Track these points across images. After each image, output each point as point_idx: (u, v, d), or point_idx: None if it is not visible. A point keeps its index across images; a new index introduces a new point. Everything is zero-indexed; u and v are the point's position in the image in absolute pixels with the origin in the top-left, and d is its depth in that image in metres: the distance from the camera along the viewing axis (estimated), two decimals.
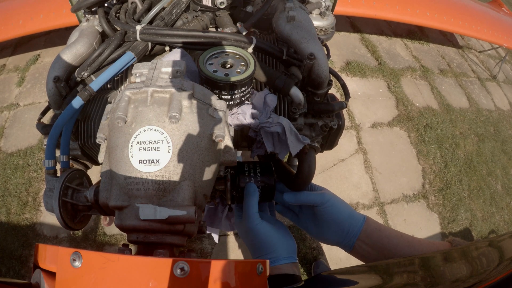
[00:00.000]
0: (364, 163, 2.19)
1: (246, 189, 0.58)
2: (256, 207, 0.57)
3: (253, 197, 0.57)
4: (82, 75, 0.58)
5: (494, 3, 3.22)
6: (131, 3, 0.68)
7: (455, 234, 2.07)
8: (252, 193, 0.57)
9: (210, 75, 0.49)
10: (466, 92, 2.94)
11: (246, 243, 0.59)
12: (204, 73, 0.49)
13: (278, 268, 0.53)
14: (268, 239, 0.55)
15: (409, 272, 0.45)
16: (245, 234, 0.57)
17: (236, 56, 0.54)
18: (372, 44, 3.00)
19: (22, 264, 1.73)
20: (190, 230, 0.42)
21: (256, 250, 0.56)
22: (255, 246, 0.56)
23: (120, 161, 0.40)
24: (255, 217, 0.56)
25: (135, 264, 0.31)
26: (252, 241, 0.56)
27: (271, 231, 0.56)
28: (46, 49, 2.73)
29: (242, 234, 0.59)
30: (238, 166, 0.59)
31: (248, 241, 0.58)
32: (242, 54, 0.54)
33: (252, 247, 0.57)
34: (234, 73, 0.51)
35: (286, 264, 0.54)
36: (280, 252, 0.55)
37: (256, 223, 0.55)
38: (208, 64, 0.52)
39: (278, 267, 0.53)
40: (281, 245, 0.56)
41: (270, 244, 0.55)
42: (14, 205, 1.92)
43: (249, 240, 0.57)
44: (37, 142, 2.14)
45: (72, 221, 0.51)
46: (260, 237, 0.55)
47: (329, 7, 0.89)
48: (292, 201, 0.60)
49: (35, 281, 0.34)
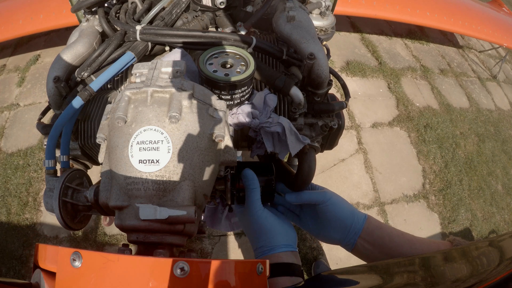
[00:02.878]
0: (364, 163, 2.19)
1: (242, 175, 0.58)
2: (258, 195, 0.57)
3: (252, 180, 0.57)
4: (82, 75, 0.58)
5: (494, 3, 3.22)
6: (131, 3, 0.68)
7: (455, 234, 2.06)
8: (250, 178, 0.57)
9: (210, 75, 0.49)
10: (467, 92, 2.94)
11: (247, 232, 0.60)
12: (204, 73, 0.49)
13: (278, 256, 0.53)
14: (268, 226, 0.56)
15: (409, 272, 0.45)
16: (247, 222, 0.58)
17: (236, 56, 0.54)
18: (372, 44, 3.00)
19: (22, 264, 1.73)
20: (190, 230, 0.42)
21: (256, 237, 0.56)
22: (256, 234, 0.56)
23: (120, 161, 0.40)
24: (257, 204, 0.57)
25: (135, 264, 0.31)
26: (253, 228, 0.57)
27: (272, 218, 0.57)
28: (46, 49, 2.73)
29: (244, 223, 0.60)
30: (238, 166, 0.59)
31: (249, 229, 0.58)
32: (242, 54, 0.54)
33: (252, 234, 0.57)
34: (234, 73, 0.51)
35: (285, 252, 0.54)
36: (280, 239, 0.55)
37: (258, 209, 0.56)
38: (208, 64, 0.52)
39: (277, 255, 0.54)
40: (281, 233, 0.56)
41: (270, 231, 0.56)
42: (14, 205, 1.92)
43: (250, 227, 0.57)
44: (37, 142, 2.14)
45: (72, 221, 0.51)
46: (261, 223, 0.56)
47: (329, 7, 0.89)
48: (294, 201, 0.60)
49: (35, 281, 0.34)
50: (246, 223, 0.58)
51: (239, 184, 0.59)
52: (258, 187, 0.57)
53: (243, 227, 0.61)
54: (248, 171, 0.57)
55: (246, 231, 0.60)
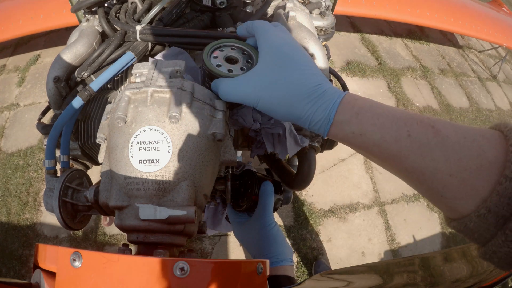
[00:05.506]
0: (364, 163, 2.19)
1: (263, 188, 0.60)
2: (272, 207, 0.60)
3: (271, 196, 0.59)
4: (82, 75, 0.58)
5: (494, 3, 3.22)
6: (131, 3, 0.68)
7: (455, 234, 2.07)
8: (270, 193, 0.59)
9: (213, 70, 0.47)
10: (466, 91, 2.94)
11: (252, 242, 0.60)
12: (207, 66, 0.47)
13: (285, 269, 0.55)
14: (279, 239, 0.57)
15: (409, 272, 0.45)
16: (254, 232, 0.59)
17: (244, 52, 0.51)
18: (372, 44, 3.00)
19: (22, 264, 1.73)
20: (190, 230, 0.42)
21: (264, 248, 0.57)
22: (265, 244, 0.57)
23: (120, 161, 0.40)
24: (271, 217, 0.59)
25: (135, 264, 0.31)
26: (263, 239, 0.58)
27: (280, 232, 0.59)
28: (46, 49, 2.74)
29: (249, 232, 0.61)
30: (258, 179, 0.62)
31: (256, 239, 0.59)
32: (249, 51, 0.50)
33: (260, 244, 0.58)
34: (238, 70, 0.48)
35: (290, 265, 0.56)
36: (288, 253, 0.57)
37: (271, 222, 0.58)
38: (212, 57, 0.49)
39: (284, 267, 0.55)
40: (288, 247, 0.58)
41: (281, 244, 0.57)
42: (14, 205, 1.92)
43: (259, 238, 0.58)
44: (37, 142, 2.15)
45: (72, 221, 0.51)
46: (274, 234, 0.57)
47: (329, 7, 0.89)
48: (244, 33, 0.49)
49: (35, 281, 0.34)
50: (252, 233, 0.60)
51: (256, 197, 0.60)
52: (272, 202, 0.60)
53: (245, 236, 0.62)
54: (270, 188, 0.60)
55: (249, 240, 0.61)
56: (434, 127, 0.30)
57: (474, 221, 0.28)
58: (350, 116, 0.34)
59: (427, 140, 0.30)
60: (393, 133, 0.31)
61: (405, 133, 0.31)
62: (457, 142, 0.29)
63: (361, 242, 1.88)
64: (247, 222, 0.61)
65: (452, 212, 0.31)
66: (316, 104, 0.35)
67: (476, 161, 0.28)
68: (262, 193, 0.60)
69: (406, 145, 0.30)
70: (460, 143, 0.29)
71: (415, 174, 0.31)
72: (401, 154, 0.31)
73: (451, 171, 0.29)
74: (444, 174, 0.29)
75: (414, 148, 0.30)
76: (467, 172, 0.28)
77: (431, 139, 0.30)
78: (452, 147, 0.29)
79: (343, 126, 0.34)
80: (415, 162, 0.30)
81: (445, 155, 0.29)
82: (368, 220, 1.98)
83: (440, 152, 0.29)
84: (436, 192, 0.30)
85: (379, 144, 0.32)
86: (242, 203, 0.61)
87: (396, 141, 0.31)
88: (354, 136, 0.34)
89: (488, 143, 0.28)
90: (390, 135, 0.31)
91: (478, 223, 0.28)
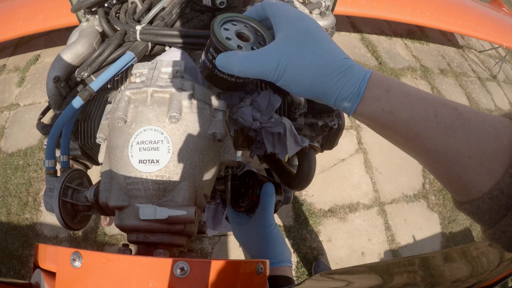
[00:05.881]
0: (364, 163, 2.19)
1: (264, 189, 0.60)
2: (273, 208, 0.60)
3: (272, 197, 0.59)
4: (82, 75, 0.58)
5: (494, 3, 3.22)
6: (131, 3, 0.68)
7: (455, 234, 2.07)
8: (271, 194, 0.59)
9: (222, 41, 0.41)
10: (466, 92, 2.94)
11: (252, 243, 0.60)
12: (217, 36, 0.41)
13: (284, 269, 0.55)
14: (280, 240, 0.58)
15: (409, 272, 0.45)
16: (253, 233, 0.59)
17: (257, 32, 0.46)
18: (372, 44, 3.00)
19: (22, 264, 1.73)
20: (190, 230, 0.42)
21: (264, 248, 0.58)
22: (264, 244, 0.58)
23: (120, 161, 0.40)
24: (272, 218, 0.59)
25: (135, 264, 0.31)
26: (262, 239, 0.58)
27: (280, 233, 0.59)
28: (46, 49, 2.73)
29: (249, 232, 0.61)
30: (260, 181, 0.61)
31: (256, 239, 0.59)
32: (263, 33, 0.45)
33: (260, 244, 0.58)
34: (248, 49, 0.43)
35: (288, 266, 0.56)
36: (287, 254, 0.57)
37: (272, 223, 0.58)
38: (223, 29, 0.44)
39: (284, 268, 0.55)
40: (287, 248, 0.59)
41: (281, 245, 0.57)
42: (14, 205, 1.92)
43: (259, 238, 0.58)
44: (37, 142, 2.15)
45: (72, 221, 0.51)
46: (274, 235, 0.57)
47: (329, 7, 0.89)
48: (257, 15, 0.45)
49: (35, 281, 0.34)
50: (252, 233, 0.60)
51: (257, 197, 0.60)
52: (273, 203, 0.60)
53: (244, 236, 0.62)
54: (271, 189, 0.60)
55: (249, 240, 0.61)
56: (457, 109, 0.31)
57: (487, 203, 0.29)
58: (380, 93, 0.33)
59: (451, 121, 0.30)
60: (422, 112, 0.31)
61: (432, 114, 0.31)
62: (478, 125, 0.30)
63: (361, 242, 1.89)
64: (247, 223, 0.61)
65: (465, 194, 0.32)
66: (344, 78, 0.34)
67: (493, 145, 0.29)
68: (263, 194, 0.60)
69: (432, 126, 0.31)
70: (480, 127, 0.30)
71: (437, 155, 0.31)
72: (427, 134, 0.31)
73: (471, 153, 0.30)
74: (464, 156, 0.30)
75: (439, 129, 0.31)
76: (485, 155, 0.29)
77: (455, 121, 0.30)
78: (473, 130, 0.30)
79: (373, 102, 0.33)
80: (439, 142, 0.31)
81: (466, 137, 0.30)
82: (368, 220, 1.98)
83: (462, 134, 0.30)
84: (455, 173, 0.31)
85: (408, 123, 0.32)
86: (242, 204, 0.61)
87: (424, 121, 0.31)
88: (383, 113, 0.33)
89: (503, 128, 0.30)
90: (419, 114, 0.31)
91: (491, 205, 0.29)
